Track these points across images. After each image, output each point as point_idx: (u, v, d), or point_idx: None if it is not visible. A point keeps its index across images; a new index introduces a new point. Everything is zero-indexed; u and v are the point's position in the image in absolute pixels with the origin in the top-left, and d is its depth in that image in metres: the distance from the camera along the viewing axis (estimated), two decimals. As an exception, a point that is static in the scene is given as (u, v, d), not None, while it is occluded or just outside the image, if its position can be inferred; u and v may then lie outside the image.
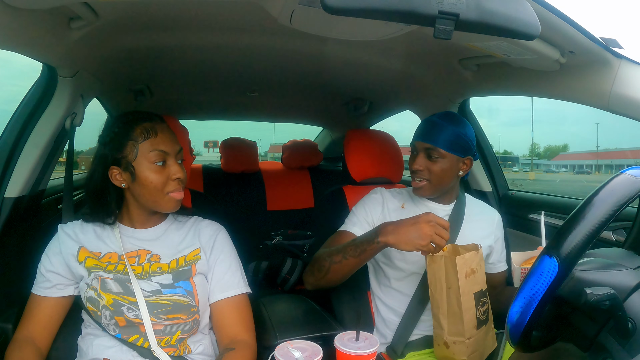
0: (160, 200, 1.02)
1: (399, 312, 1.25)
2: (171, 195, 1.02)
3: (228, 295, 1.06)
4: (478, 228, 1.30)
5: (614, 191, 0.70)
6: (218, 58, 1.47)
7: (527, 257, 1.06)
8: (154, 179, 0.99)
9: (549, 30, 0.89)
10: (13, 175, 1.14)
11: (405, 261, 1.24)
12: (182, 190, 1.04)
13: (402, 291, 1.26)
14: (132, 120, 1.02)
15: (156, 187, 1.00)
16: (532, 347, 0.75)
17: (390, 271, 1.27)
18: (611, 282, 0.70)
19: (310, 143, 2.76)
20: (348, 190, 1.53)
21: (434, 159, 1.22)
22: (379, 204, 1.29)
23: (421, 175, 1.23)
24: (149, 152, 0.99)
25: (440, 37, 0.68)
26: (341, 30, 0.98)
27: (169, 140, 1.02)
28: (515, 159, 41.49)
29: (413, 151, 1.28)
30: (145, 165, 0.99)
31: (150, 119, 1.03)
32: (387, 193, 1.33)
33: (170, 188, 1.01)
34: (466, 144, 1.24)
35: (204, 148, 13.34)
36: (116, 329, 0.98)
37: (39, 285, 1.02)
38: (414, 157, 1.26)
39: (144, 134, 1.00)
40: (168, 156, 1.01)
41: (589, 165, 40.43)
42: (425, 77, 1.57)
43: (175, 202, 1.03)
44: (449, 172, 1.23)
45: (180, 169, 1.03)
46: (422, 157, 1.23)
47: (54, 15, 0.91)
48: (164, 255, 1.04)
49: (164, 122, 1.05)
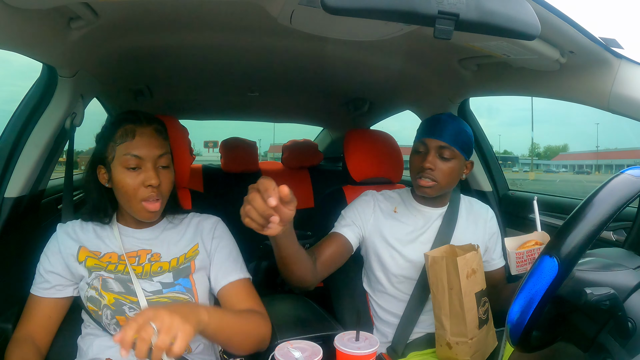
0: (134, 207, 0.99)
1: (397, 314, 1.25)
2: (144, 204, 0.98)
3: (231, 279, 1.05)
4: (472, 227, 1.29)
5: (614, 191, 0.70)
6: (218, 58, 1.47)
7: (521, 241, 1.04)
8: (125, 184, 0.97)
9: (549, 30, 0.89)
10: (13, 175, 1.14)
11: (399, 267, 1.23)
12: (157, 200, 0.99)
13: (397, 296, 1.25)
14: (118, 121, 1.01)
15: (127, 192, 0.98)
16: (532, 347, 0.75)
17: (383, 278, 1.26)
18: (611, 282, 0.70)
19: (310, 143, 2.76)
20: (348, 190, 1.53)
21: (446, 158, 1.18)
22: (370, 207, 1.27)
23: (431, 175, 1.18)
24: (123, 156, 0.97)
25: (440, 37, 0.68)
26: (341, 30, 0.98)
27: (146, 144, 0.98)
28: (515, 159, 41.51)
29: (419, 149, 1.22)
30: (119, 168, 0.97)
31: (134, 120, 1.00)
32: (379, 195, 1.31)
33: (144, 195, 0.97)
34: (471, 146, 1.23)
35: (204, 148, 13.35)
36: (117, 329, 0.98)
37: (38, 286, 1.01)
38: (423, 155, 1.20)
39: (123, 136, 0.98)
40: (143, 161, 0.97)
41: (589, 165, 40.44)
42: (425, 77, 1.57)
43: (147, 213, 0.99)
44: (456, 174, 1.22)
45: (155, 176, 0.97)
46: (434, 156, 1.18)
47: (54, 15, 0.91)
48: (164, 253, 1.04)
49: (150, 125, 1.01)
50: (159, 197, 1.00)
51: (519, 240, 1.05)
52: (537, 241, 1.03)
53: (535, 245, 1.02)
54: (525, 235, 1.05)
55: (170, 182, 1.03)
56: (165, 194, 1.02)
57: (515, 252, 1.02)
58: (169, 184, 1.02)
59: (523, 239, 1.04)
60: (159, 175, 0.99)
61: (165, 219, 1.10)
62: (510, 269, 1.05)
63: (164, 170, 1.01)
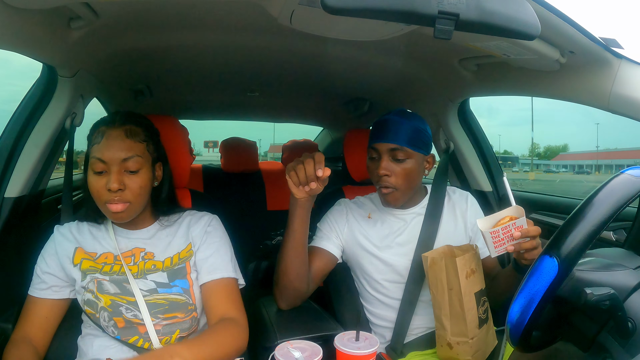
0: (102, 208, 0.98)
1: (389, 319, 1.24)
2: (108, 205, 0.96)
3: (215, 277, 1.03)
4: (454, 220, 1.27)
5: (614, 191, 0.70)
6: (218, 58, 1.47)
7: (495, 220, 0.96)
8: (91, 187, 0.97)
9: (549, 30, 0.89)
10: (13, 175, 1.14)
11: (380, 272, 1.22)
12: (120, 202, 0.96)
13: (386, 302, 1.24)
14: (98, 122, 1.00)
15: (93, 195, 0.97)
16: (532, 347, 0.75)
17: (367, 285, 1.26)
18: (611, 282, 0.70)
19: (310, 143, 2.76)
20: (348, 190, 1.53)
21: (400, 160, 1.15)
22: (343, 215, 1.26)
23: (388, 181, 1.16)
24: (92, 158, 0.96)
25: (440, 37, 0.68)
26: (341, 30, 0.98)
27: (111, 147, 0.95)
28: (515, 159, 41.51)
29: (372, 155, 1.19)
30: (89, 171, 0.97)
31: (107, 122, 0.99)
32: (351, 204, 1.30)
33: (106, 198, 0.95)
34: (428, 140, 1.20)
35: (204, 148, 13.35)
36: (115, 331, 0.98)
37: (35, 287, 1.01)
38: (376, 161, 1.17)
39: (95, 137, 0.97)
40: (107, 165, 0.95)
41: (589, 165, 40.44)
42: (425, 77, 1.57)
43: (112, 213, 0.97)
44: (417, 173, 1.18)
45: (115, 180, 0.94)
46: (387, 160, 1.15)
47: (54, 15, 0.92)
48: (157, 252, 1.04)
49: (122, 126, 0.98)
50: (124, 201, 0.96)
51: (491, 219, 0.97)
52: (512, 216, 0.95)
53: (509, 220, 0.94)
54: (498, 213, 0.97)
55: (139, 187, 0.98)
56: (132, 199, 0.97)
57: (490, 232, 0.95)
58: (137, 189, 0.97)
59: (496, 217, 0.97)
60: (125, 180, 0.96)
61: (159, 220, 1.10)
62: (489, 251, 0.98)
63: (131, 175, 0.97)
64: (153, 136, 1.05)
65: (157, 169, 1.06)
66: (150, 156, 1.02)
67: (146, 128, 1.03)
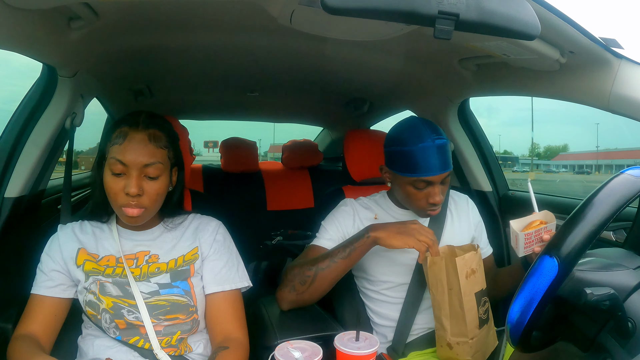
0: (117, 210, 0.98)
1: (392, 318, 1.24)
2: (123, 209, 0.95)
3: (224, 289, 1.04)
4: (459, 222, 1.29)
5: (614, 191, 0.70)
6: (218, 58, 1.47)
7: (526, 222, 1.01)
8: (108, 187, 0.95)
9: (549, 30, 0.89)
10: (13, 175, 1.14)
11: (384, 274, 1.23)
12: (137, 207, 0.94)
13: (389, 301, 1.24)
14: (119, 121, 0.99)
15: (109, 196, 0.96)
16: (532, 347, 0.75)
17: (371, 285, 1.26)
18: (611, 282, 0.70)
19: (310, 143, 2.76)
20: (348, 191, 1.53)
21: (446, 182, 1.16)
22: (350, 216, 1.25)
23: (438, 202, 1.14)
24: (111, 158, 0.94)
25: (440, 37, 0.68)
26: (341, 30, 0.98)
27: (134, 151, 0.93)
28: (515, 159, 41.45)
29: (418, 186, 1.13)
30: (107, 170, 0.96)
31: (131, 123, 0.96)
32: (357, 204, 1.29)
33: (123, 202, 0.94)
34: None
35: (204, 148, 13.32)
36: (116, 332, 0.98)
37: (41, 285, 1.00)
38: (432, 188, 1.12)
39: (116, 137, 0.95)
40: (127, 168, 0.93)
41: (589, 165, 40.41)
42: (425, 77, 1.57)
43: (127, 217, 0.95)
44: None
45: (135, 185, 0.92)
46: (441, 187, 1.14)
47: (54, 15, 0.91)
48: (162, 255, 1.04)
49: (146, 130, 0.96)
50: (141, 207, 0.95)
51: (523, 221, 1.01)
52: (542, 220, 1.00)
53: (540, 224, 0.99)
54: (529, 216, 1.01)
55: (157, 194, 0.97)
56: (149, 205, 0.96)
57: (525, 234, 0.98)
58: (154, 196, 0.96)
59: (527, 220, 1.01)
60: (144, 185, 0.95)
61: (163, 221, 1.09)
62: (517, 251, 1.01)
63: (150, 181, 0.95)
64: (174, 141, 1.04)
65: (173, 173, 1.04)
66: (169, 162, 1.01)
67: (168, 133, 1.01)
